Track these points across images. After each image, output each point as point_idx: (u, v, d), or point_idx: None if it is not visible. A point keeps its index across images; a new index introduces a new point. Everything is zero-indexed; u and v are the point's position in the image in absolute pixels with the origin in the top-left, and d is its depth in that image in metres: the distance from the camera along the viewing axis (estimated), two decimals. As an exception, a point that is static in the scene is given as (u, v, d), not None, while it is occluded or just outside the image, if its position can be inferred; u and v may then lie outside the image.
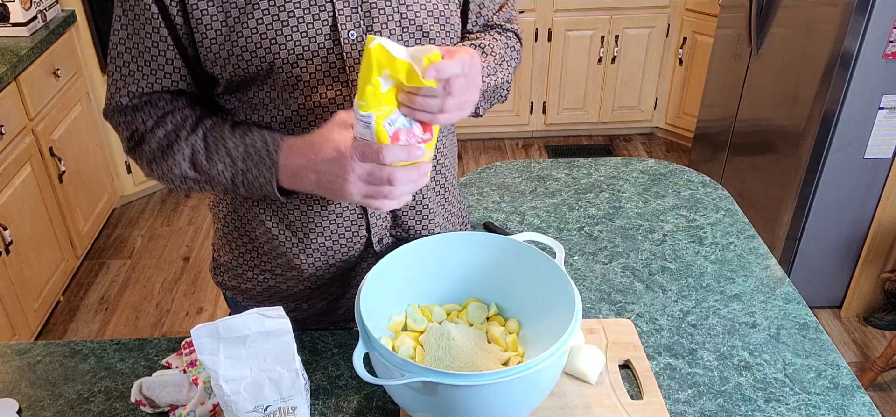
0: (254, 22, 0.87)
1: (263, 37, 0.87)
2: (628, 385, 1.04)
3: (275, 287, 1.12)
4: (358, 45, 0.90)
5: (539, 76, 3.68)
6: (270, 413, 0.83)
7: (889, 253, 2.53)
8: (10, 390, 1.05)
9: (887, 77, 2.23)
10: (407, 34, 0.94)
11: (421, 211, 1.09)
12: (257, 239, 1.08)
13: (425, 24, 0.94)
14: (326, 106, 0.93)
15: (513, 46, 1.10)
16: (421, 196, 1.08)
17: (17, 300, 2.41)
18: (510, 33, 1.12)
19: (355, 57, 0.91)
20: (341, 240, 1.05)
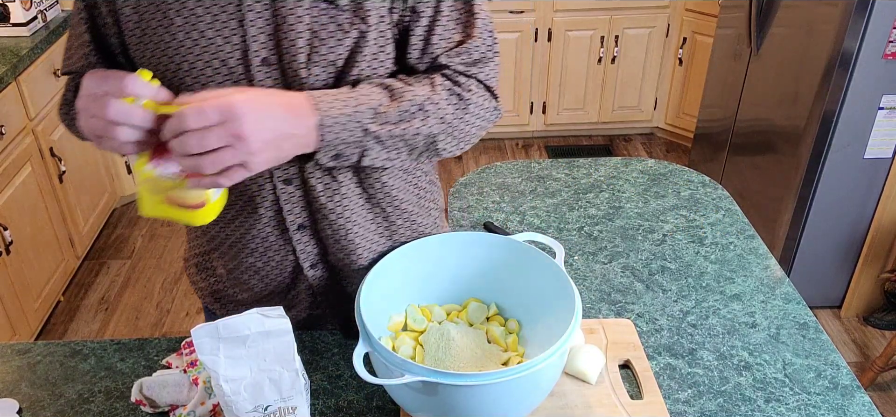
0: (169, 36, 0.86)
1: (176, 52, 0.86)
2: (628, 385, 1.04)
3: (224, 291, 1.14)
4: (266, 70, 0.86)
5: (539, 76, 3.69)
6: (270, 413, 0.83)
7: (889, 253, 2.53)
8: (10, 390, 1.06)
9: (887, 77, 2.23)
10: (318, 68, 0.86)
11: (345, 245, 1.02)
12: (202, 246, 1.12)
13: (340, 59, 0.87)
14: None
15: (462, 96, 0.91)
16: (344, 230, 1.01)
17: (18, 300, 2.41)
18: (470, 80, 0.92)
19: (260, 80, 0.87)
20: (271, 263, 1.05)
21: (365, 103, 0.84)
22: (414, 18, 0.90)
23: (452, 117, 0.90)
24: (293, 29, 0.84)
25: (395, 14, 0.89)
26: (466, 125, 0.93)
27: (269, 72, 0.87)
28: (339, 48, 0.86)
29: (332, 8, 0.85)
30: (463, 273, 1.06)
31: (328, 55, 0.86)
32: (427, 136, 0.89)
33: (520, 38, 3.55)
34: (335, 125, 0.82)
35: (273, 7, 0.84)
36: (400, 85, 0.88)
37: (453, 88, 0.91)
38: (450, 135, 0.91)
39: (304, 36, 0.85)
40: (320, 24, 0.85)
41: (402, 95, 0.86)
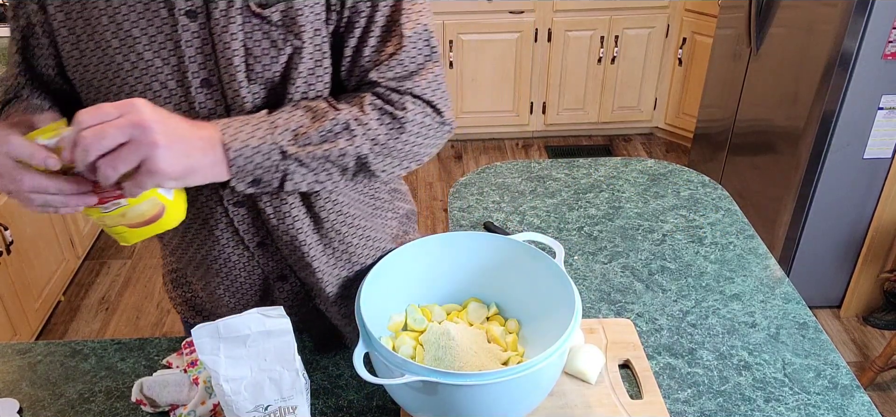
0: (107, 59, 0.84)
1: (116, 75, 0.84)
2: (628, 384, 1.04)
3: (202, 305, 1.13)
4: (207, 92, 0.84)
5: (539, 76, 3.69)
6: (271, 413, 0.83)
7: (888, 253, 2.53)
8: (10, 389, 1.06)
9: (887, 77, 2.23)
10: (257, 86, 0.84)
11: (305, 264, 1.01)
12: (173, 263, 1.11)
13: (277, 76, 0.85)
14: None
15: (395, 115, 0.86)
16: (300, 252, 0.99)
17: (18, 299, 2.41)
18: (404, 97, 0.86)
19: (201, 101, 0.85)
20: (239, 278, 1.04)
21: (282, 126, 0.80)
22: (347, 30, 0.86)
23: (386, 138, 0.86)
24: (228, 47, 0.81)
25: (331, 25, 0.85)
26: (404, 145, 0.88)
27: (210, 93, 0.84)
28: (275, 65, 0.84)
29: (264, 24, 0.82)
30: (463, 273, 1.06)
31: (264, 73, 0.84)
32: (356, 156, 0.85)
33: (520, 39, 3.55)
34: (245, 150, 0.78)
35: (207, 26, 0.81)
36: (324, 106, 0.84)
37: (384, 107, 0.86)
38: (385, 156, 0.87)
39: (240, 54, 0.82)
40: (254, 41, 0.82)
41: (324, 116, 0.83)
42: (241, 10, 0.81)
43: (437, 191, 3.53)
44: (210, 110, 0.85)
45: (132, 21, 0.81)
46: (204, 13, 0.81)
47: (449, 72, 3.61)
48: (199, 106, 0.85)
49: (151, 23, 0.81)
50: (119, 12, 0.81)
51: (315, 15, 0.83)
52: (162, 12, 0.81)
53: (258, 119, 0.81)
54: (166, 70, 0.83)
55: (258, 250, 1.00)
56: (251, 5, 0.81)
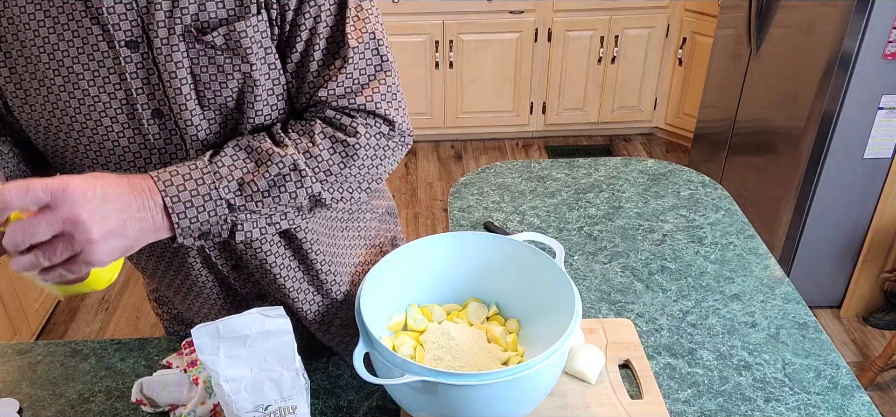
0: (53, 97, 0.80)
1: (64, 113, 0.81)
2: (628, 384, 1.04)
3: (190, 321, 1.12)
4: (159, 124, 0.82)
5: (539, 76, 3.69)
6: (271, 413, 0.83)
7: (888, 253, 2.53)
8: (10, 390, 1.06)
9: (887, 77, 2.23)
10: (211, 112, 0.82)
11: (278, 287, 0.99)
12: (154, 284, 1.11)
13: (230, 100, 0.82)
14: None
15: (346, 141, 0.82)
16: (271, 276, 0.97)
17: (18, 299, 2.41)
18: (355, 117, 0.84)
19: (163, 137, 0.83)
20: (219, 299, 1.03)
21: (227, 176, 0.77)
22: (288, 45, 0.82)
23: (340, 168, 0.83)
24: (175, 76, 0.79)
25: (276, 42, 0.82)
26: (360, 171, 0.84)
27: (163, 123, 0.82)
28: (225, 91, 0.81)
29: (209, 49, 0.79)
30: (463, 273, 1.06)
31: (216, 99, 0.81)
32: (309, 196, 0.81)
33: (520, 39, 3.55)
34: (189, 210, 0.74)
35: (151, 56, 0.78)
36: (269, 146, 0.80)
37: (336, 134, 0.83)
38: (340, 186, 0.84)
39: (188, 82, 0.79)
40: (201, 68, 0.79)
41: (270, 159, 0.79)
42: (183, 36, 0.77)
43: (437, 191, 3.53)
44: (165, 140, 0.83)
45: (72, 57, 0.78)
46: (145, 43, 0.77)
47: (449, 72, 3.61)
48: (154, 138, 0.83)
49: (92, 57, 0.78)
50: (58, 49, 0.78)
51: (261, 34, 0.80)
52: (101, 45, 0.77)
53: (201, 171, 0.76)
54: (115, 104, 0.80)
55: (233, 273, 0.99)
56: (193, 31, 0.77)
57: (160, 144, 0.83)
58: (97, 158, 0.85)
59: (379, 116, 0.85)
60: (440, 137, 3.93)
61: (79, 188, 0.65)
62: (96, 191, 0.67)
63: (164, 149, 0.84)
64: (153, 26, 0.77)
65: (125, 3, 0.76)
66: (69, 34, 0.77)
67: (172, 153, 0.84)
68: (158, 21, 0.76)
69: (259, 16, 0.79)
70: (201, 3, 0.77)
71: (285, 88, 0.85)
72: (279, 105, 0.85)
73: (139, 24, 0.77)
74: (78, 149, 0.85)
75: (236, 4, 0.78)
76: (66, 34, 0.77)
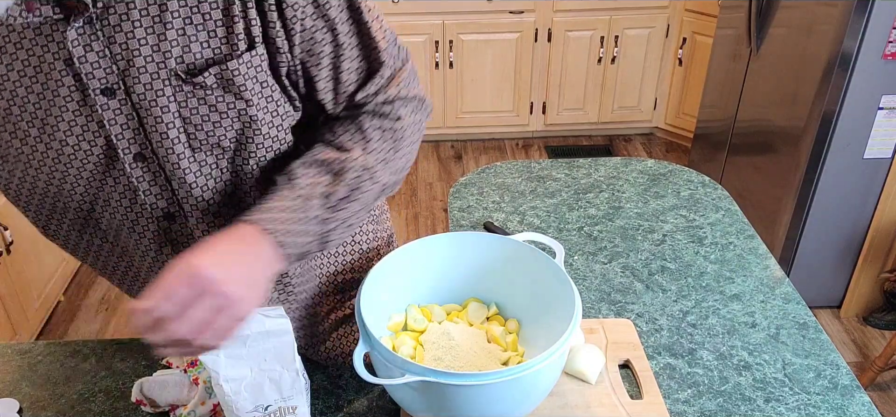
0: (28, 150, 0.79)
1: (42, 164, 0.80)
2: (628, 384, 1.04)
3: None
4: (145, 166, 0.81)
5: (539, 76, 3.69)
6: (271, 413, 0.83)
7: (888, 253, 2.53)
8: (10, 390, 1.06)
9: (887, 77, 2.23)
10: (202, 154, 0.81)
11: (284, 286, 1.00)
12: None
13: (224, 140, 0.81)
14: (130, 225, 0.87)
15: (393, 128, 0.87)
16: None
17: (18, 300, 2.41)
18: (393, 105, 0.88)
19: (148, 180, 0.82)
20: None
21: (312, 196, 0.79)
22: (313, 62, 0.82)
23: (392, 154, 0.87)
24: (161, 120, 0.77)
25: (284, 68, 0.81)
26: (405, 150, 0.89)
27: (146, 166, 0.81)
28: (220, 130, 0.79)
29: (198, 90, 0.77)
30: (463, 273, 1.06)
31: (209, 139, 0.80)
32: (379, 190, 0.86)
33: (520, 38, 3.55)
34: (292, 239, 0.77)
35: (129, 101, 0.76)
36: (335, 156, 0.83)
37: (383, 124, 0.87)
38: (396, 169, 0.88)
39: (176, 124, 0.78)
40: (190, 110, 0.77)
41: (343, 168, 0.82)
42: (168, 80, 0.75)
43: (437, 191, 3.53)
44: (149, 182, 0.82)
45: (45, 110, 0.76)
46: (122, 89, 0.75)
47: (449, 72, 3.61)
48: (138, 180, 0.82)
49: (65, 109, 0.76)
50: (29, 101, 0.76)
51: (255, 69, 0.78)
52: (76, 95, 0.75)
53: (291, 200, 0.78)
54: (96, 151, 0.79)
55: None
56: (180, 73, 0.75)
57: (145, 185, 0.82)
58: (80, 205, 0.84)
59: (409, 99, 0.90)
60: (440, 137, 3.93)
61: (207, 267, 0.68)
62: (220, 259, 0.70)
63: (148, 191, 0.83)
64: (133, 72, 0.74)
65: (97, 52, 0.73)
66: (39, 86, 0.75)
67: (157, 195, 0.84)
68: (139, 67, 0.74)
69: (252, 52, 0.77)
70: (185, 46, 0.75)
71: (291, 113, 0.85)
72: (285, 138, 0.86)
73: (114, 72, 0.74)
74: (58, 198, 0.83)
75: (222, 43, 0.76)
76: (35, 87, 0.75)
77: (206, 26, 0.75)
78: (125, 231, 0.88)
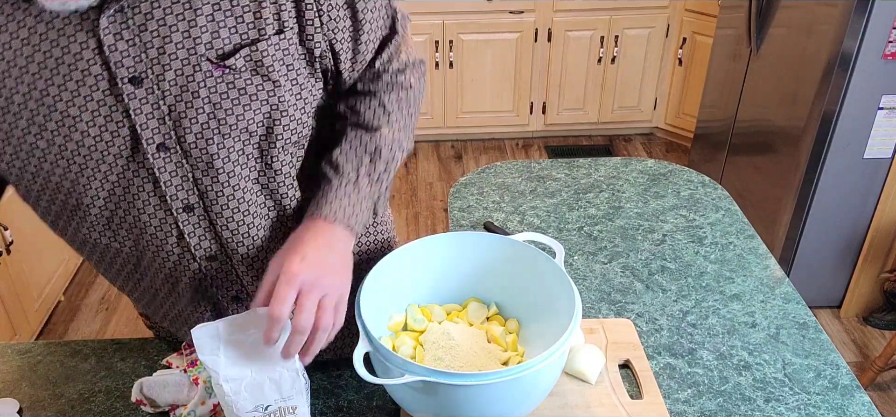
0: (44, 144, 0.78)
1: (60, 158, 0.79)
2: (628, 384, 1.04)
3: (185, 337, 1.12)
4: (169, 157, 0.81)
5: (539, 76, 3.69)
6: (271, 413, 0.83)
7: (888, 253, 2.53)
8: (10, 390, 1.06)
9: (887, 77, 2.23)
10: (230, 140, 0.81)
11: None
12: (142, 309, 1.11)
13: (253, 124, 0.82)
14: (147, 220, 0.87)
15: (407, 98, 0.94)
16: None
17: (18, 299, 2.41)
18: (403, 74, 0.94)
19: (170, 171, 0.82)
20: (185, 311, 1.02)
21: (360, 180, 0.88)
22: (337, 37, 0.85)
23: (408, 120, 0.95)
24: (191, 106, 0.78)
25: (308, 43, 0.82)
26: (416, 110, 0.98)
27: (169, 157, 0.81)
28: (249, 113, 0.81)
29: (228, 73, 0.78)
30: (463, 273, 1.06)
31: (238, 124, 0.81)
32: (405, 153, 0.95)
33: (520, 38, 3.55)
34: (355, 219, 0.87)
35: (159, 90, 0.76)
36: (368, 138, 0.90)
37: (399, 95, 0.94)
38: (410, 135, 0.97)
39: (205, 110, 0.79)
40: (220, 94, 0.78)
41: (378, 147, 0.90)
42: (198, 66, 0.76)
43: (437, 191, 3.53)
44: (171, 173, 0.82)
45: (67, 101, 0.76)
46: (150, 78, 0.76)
47: (449, 72, 3.61)
48: (159, 171, 0.82)
49: (90, 99, 0.76)
50: (48, 94, 0.75)
51: (283, 52, 0.80)
52: (101, 85, 0.75)
53: (343, 188, 0.87)
54: (118, 142, 0.79)
55: (233, 304, 1.00)
56: (210, 59, 0.77)
57: (165, 177, 0.82)
58: (93, 200, 0.84)
59: (414, 63, 0.97)
60: (440, 137, 3.93)
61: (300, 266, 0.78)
62: (308, 256, 0.79)
63: (169, 181, 0.83)
64: (164, 59, 0.75)
65: (127, 40, 0.74)
66: (61, 77, 0.75)
67: (177, 185, 0.83)
68: (170, 54, 0.75)
69: (280, 36, 0.79)
70: (214, 31, 0.76)
71: (318, 94, 0.88)
72: (309, 122, 0.88)
73: (143, 60, 0.75)
74: (72, 194, 0.83)
75: (249, 28, 0.78)
76: (57, 78, 0.75)
77: (234, 11, 0.77)
78: (140, 226, 0.87)
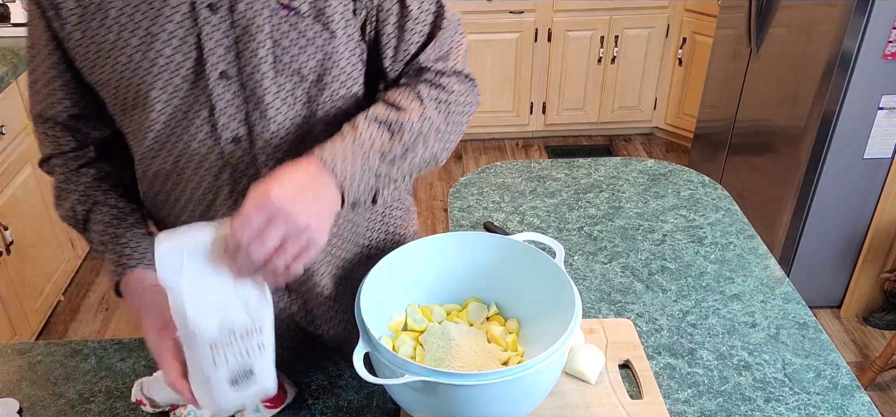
0: (125, 58, 0.84)
1: (134, 73, 0.84)
2: (628, 384, 1.04)
3: None
4: (227, 86, 0.86)
5: (539, 76, 3.69)
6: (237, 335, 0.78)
7: (888, 253, 2.53)
8: (10, 389, 1.06)
9: (887, 77, 2.23)
10: (282, 78, 0.87)
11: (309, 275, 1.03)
12: None
13: (305, 68, 0.87)
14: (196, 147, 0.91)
15: (447, 100, 0.92)
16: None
17: (18, 299, 2.41)
18: (449, 78, 0.93)
19: (227, 99, 0.87)
20: None
21: (370, 148, 0.84)
22: (381, 17, 0.89)
23: (445, 127, 0.91)
24: (254, 39, 0.83)
25: (360, 16, 0.87)
26: (455, 128, 0.93)
27: (227, 85, 0.86)
28: (303, 56, 0.86)
29: (292, 15, 0.84)
30: (463, 273, 1.06)
31: (292, 64, 0.86)
32: (429, 157, 0.90)
33: (520, 39, 3.55)
34: (352, 185, 0.82)
35: (230, 19, 0.83)
36: (395, 116, 0.87)
37: (439, 95, 0.91)
38: (445, 143, 0.92)
39: (266, 45, 0.84)
40: (281, 32, 0.84)
41: (401, 128, 0.86)
42: (267, 2, 0.82)
43: (437, 191, 3.53)
44: (227, 102, 0.87)
45: (151, 18, 0.82)
46: (225, 6, 0.82)
47: (449, 72, 3.61)
48: (216, 98, 0.86)
49: (171, 19, 0.82)
50: (138, 10, 0.81)
51: (343, 6, 0.86)
52: (183, 7, 0.81)
53: (351, 146, 0.82)
54: (187, 64, 0.84)
55: None
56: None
57: (222, 104, 0.87)
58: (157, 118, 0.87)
59: (463, 75, 0.94)
60: (440, 137, 3.93)
61: (279, 197, 0.73)
62: (291, 189, 0.75)
63: (224, 109, 0.87)
64: None
65: None
66: None
67: (231, 115, 0.88)
68: None
69: None
70: None
71: (364, 58, 0.91)
72: (358, 79, 0.92)
73: None
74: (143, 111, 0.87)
75: None
76: None
77: None
78: (188, 154, 0.91)
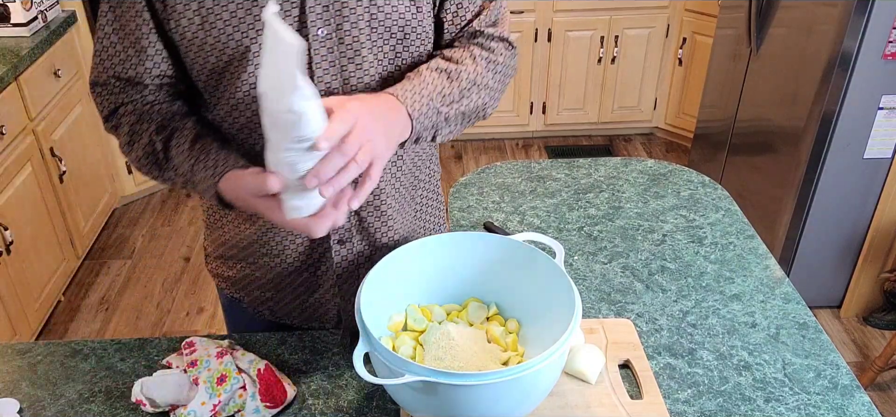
0: (227, 14, 0.89)
1: (236, 29, 0.89)
2: (628, 384, 1.05)
3: (250, 275, 1.15)
4: (326, 42, 0.92)
5: (539, 76, 3.69)
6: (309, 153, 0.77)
7: (888, 253, 2.53)
8: (10, 390, 1.06)
9: (887, 77, 2.24)
10: (376, 35, 0.95)
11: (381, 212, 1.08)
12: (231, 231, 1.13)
13: (394, 27, 0.95)
14: None
15: (495, 60, 1.02)
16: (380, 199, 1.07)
17: (18, 299, 2.41)
18: (496, 42, 1.03)
19: (323, 54, 0.93)
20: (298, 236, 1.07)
21: (434, 90, 0.93)
22: None
23: (492, 83, 1.02)
24: None
25: None
26: (500, 85, 1.04)
27: (324, 41, 0.92)
28: (395, 14, 0.94)
29: None
30: (463, 273, 1.06)
31: (385, 21, 0.94)
32: (479, 106, 1.00)
33: (520, 39, 3.55)
34: (421, 116, 0.91)
35: None
36: (452, 67, 0.97)
37: (489, 56, 1.01)
38: (491, 99, 1.03)
39: (363, 3, 0.92)
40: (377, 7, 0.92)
41: (458, 76, 0.97)
42: None
43: (437, 191, 3.53)
44: (322, 56, 0.92)
45: None
46: None
47: (449, 72, 3.61)
48: (314, 52, 0.92)
49: None
50: None
51: None
52: None
53: (418, 85, 0.93)
54: (288, 20, 0.90)
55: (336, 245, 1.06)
56: None
57: (317, 59, 0.93)
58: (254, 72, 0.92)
59: (507, 41, 1.05)
60: (440, 137, 3.93)
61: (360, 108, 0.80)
62: (367, 106, 0.83)
63: (319, 64, 0.93)
64: None
65: None
66: None
67: (325, 69, 0.94)
68: None
69: None
70: None
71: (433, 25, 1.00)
72: (431, 36, 1.01)
73: None
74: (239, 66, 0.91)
75: None
76: None
77: None
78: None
